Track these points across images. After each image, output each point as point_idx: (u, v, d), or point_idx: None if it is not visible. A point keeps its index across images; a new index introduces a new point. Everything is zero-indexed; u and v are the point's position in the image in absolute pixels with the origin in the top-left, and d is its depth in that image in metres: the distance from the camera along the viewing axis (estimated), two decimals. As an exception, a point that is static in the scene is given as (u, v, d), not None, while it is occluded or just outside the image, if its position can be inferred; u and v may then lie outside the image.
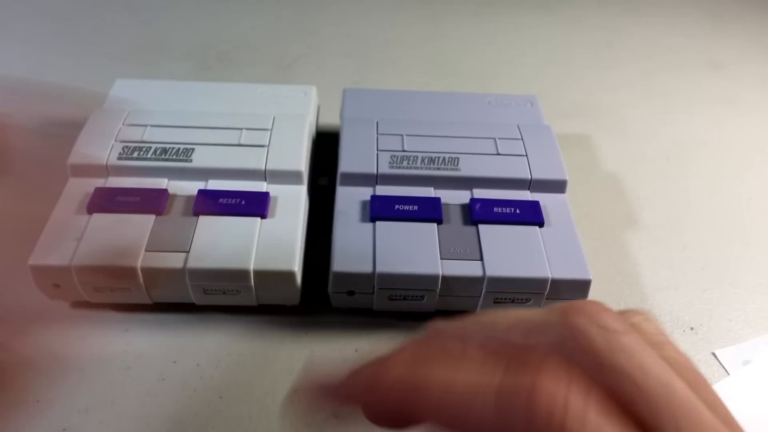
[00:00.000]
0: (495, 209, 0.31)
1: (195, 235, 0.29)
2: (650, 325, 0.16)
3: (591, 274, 0.28)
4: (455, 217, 0.31)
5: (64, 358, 0.28)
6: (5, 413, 0.26)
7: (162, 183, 0.31)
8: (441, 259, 0.28)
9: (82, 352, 0.28)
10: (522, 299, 0.29)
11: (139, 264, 0.27)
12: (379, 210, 0.30)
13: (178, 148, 0.32)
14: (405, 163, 0.32)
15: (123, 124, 0.33)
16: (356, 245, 0.29)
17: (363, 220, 0.30)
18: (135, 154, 0.31)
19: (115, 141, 0.32)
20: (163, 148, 0.32)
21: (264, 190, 0.31)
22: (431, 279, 0.28)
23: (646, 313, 0.17)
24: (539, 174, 0.32)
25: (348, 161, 0.32)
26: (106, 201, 0.29)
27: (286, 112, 0.35)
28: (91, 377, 0.27)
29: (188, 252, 0.28)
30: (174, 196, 0.30)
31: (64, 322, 0.30)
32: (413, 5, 0.57)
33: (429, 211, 0.30)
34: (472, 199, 0.31)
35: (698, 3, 0.61)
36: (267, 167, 0.31)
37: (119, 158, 0.31)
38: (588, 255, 0.29)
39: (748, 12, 0.60)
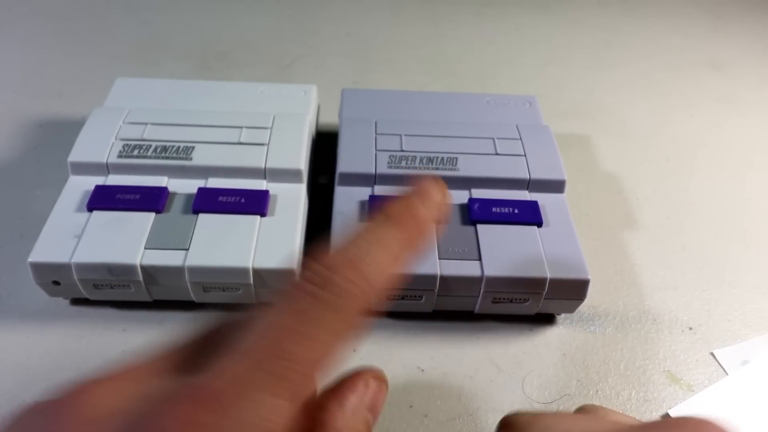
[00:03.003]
0: (493, 209, 0.31)
1: (194, 232, 0.29)
2: None
3: (589, 274, 0.28)
4: (454, 217, 0.31)
5: (62, 358, 0.28)
6: (2, 413, 0.26)
7: (162, 181, 0.31)
8: (439, 259, 0.28)
9: (80, 351, 0.28)
10: (520, 299, 0.29)
11: (138, 261, 0.27)
12: (378, 210, 0.30)
13: (179, 147, 0.32)
14: (403, 163, 0.32)
15: (123, 122, 0.33)
16: (354, 245, 0.29)
17: (361, 219, 0.30)
18: (135, 152, 0.31)
19: (116, 139, 0.32)
20: (163, 146, 0.32)
21: (264, 189, 0.31)
22: (429, 279, 0.28)
23: None
24: (538, 174, 0.32)
25: (346, 161, 0.32)
26: (106, 199, 0.30)
27: (286, 110, 0.35)
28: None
29: (188, 249, 0.28)
30: (174, 194, 0.31)
31: (62, 321, 0.30)
32: (413, 5, 0.57)
33: (427, 211, 0.30)
34: (471, 199, 0.31)
35: (698, 3, 0.61)
36: (267, 165, 0.31)
37: (119, 156, 0.31)
38: (586, 255, 0.29)
39: (748, 12, 0.60)
